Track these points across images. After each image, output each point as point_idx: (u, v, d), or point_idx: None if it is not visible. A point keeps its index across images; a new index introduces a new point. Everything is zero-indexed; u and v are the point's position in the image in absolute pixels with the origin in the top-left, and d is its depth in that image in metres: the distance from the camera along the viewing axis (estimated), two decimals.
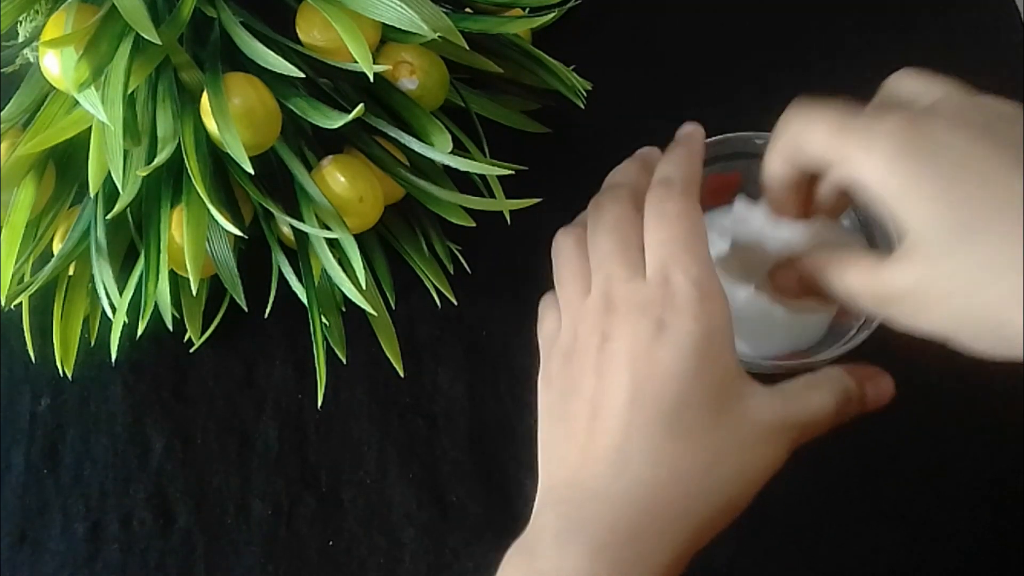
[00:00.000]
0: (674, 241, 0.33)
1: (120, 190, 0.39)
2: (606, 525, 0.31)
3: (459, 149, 0.44)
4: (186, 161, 0.39)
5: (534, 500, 0.43)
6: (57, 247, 0.46)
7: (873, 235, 0.41)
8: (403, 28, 0.38)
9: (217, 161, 0.42)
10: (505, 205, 0.45)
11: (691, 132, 0.39)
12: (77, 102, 0.38)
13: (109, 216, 0.40)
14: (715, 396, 0.32)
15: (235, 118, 0.39)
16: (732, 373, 0.33)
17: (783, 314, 0.39)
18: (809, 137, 0.32)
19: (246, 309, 0.45)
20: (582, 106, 0.47)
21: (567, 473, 0.33)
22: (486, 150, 0.47)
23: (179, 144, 0.40)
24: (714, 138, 0.41)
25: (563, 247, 0.38)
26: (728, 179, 0.43)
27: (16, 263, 0.43)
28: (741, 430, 0.32)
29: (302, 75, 0.39)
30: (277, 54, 0.38)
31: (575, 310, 0.35)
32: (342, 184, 0.43)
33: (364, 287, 0.42)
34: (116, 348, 0.45)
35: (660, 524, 0.31)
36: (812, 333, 0.42)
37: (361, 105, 0.38)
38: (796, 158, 0.33)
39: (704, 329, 0.32)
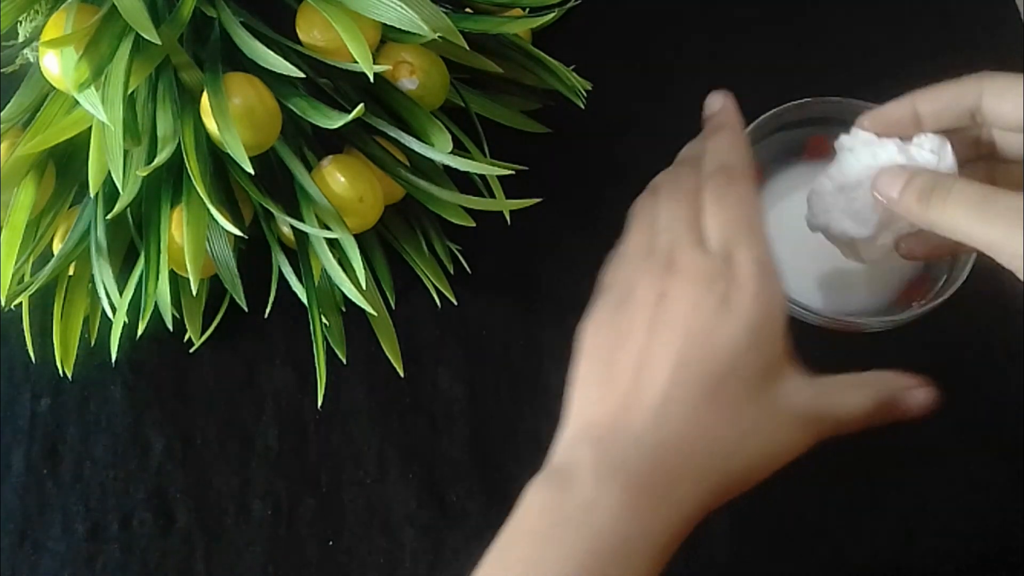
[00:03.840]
0: (737, 222, 0.35)
1: (120, 190, 0.39)
2: (644, 467, 0.33)
3: (459, 149, 0.44)
4: (186, 161, 0.39)
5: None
6: (57, 247, 0.46)
7: None
8: (403, 28, 0.38)
9: (217, 161, 0.42)
10: (505, 205, 0.45)
11: (723, 108, 0.40)
12: (77, 102, 0.38)
13: (109, 216, 0.40)
14: (759, 375, 0.34)
15: (235, 118, 0.39)
16: (779, 357, 0.34)
17: (870, 271, 0.42)
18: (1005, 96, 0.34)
19: (246, 309, 0.45)
20: (582, 106, 0.47)
21: (606, 415, 0.34)
22: (486, 150, 0.47)
23: (179, 144, 0.40)
24: (822, 99, 0.42)
25: (642, 208, 0.39)
26: (829, 144, 0.41)
27: (16, 263, 0.43)
28: (775, 411, 0.34)
29: (302, 75, 0.39)
30: (277, 54, 0.38)
31: (636, 265, 0.37)
32: (342, 184, 0.43)
33: (364, 287, 0.42)
34: (116, 348, 0.45)
35: (691, 476, 0.33)
36: (888, 292, 0.43)
37: (361, 105, 0.38)
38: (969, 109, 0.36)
39: (762, 312, 0.34)
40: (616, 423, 0.34)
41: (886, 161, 0.37)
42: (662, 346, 0.34)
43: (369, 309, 0.43)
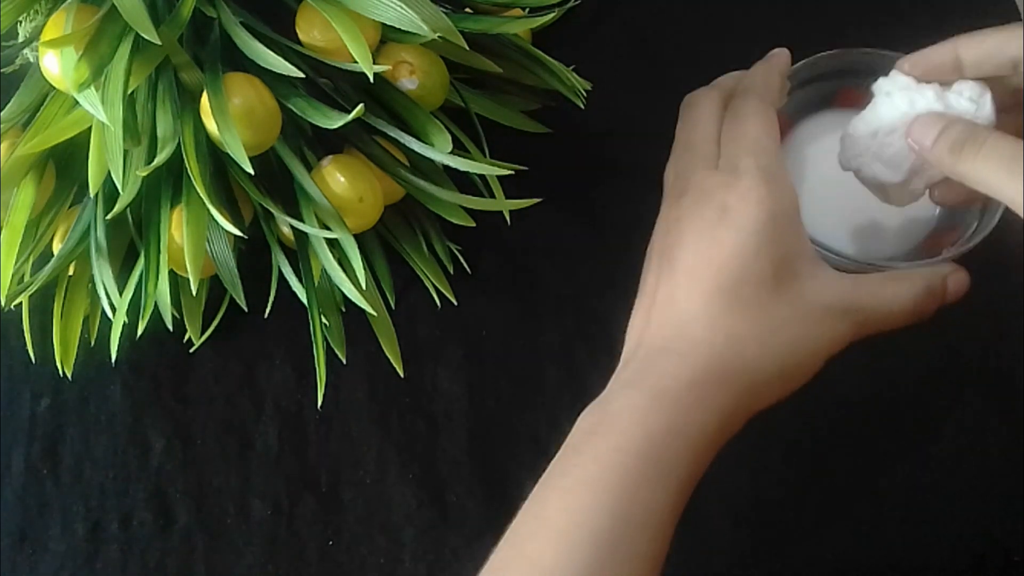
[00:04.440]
0: (745, 135, 0.37)
1: (120, 190, 0.39)
2: (667, 373, 0.34)
3: (459, 149, 0.44)
4: (186, 161, 0.39)
5: None
6: (57, 247, 0.46)
7: None
8: (403, 28, 0.38)
9: (217, 161, 0.42)
10: (505, 205, 0.45)
11: (777, 52, 0.42)
12: (77, 102, 0.38)
13: (109, 216, 0.40)
14: (774, 274, 0.34)
15: (235, 118, 0.39)
16: (795, 254, 0.35)
17: (898, 216, 0.42)
18: None
19: (246, 309, 0.45)
20: (582, 106, 0.47)
21: (635, 338, 0.36)
22: (486, 150, 0.47)
23: (179, 144, 0.40)
24: (855, 50, 0.42)
25: (676, 140, 0.41)
26: (860, 95, 0.42)
27: (16, 263, 0.43)
28: (799, 307, 0.35)
29: (302, 75, 0.38)
30: (277, 54, 0.38)
31: (665, 198, 0.39)
32: (342, 184, 0.43)
33: (364, 287, 0.42)
34: (116, 348, 0.45)
35: (717, 377, 0.34)
36: (915, 238, 0.43)
37: (361, 105, 0.38)
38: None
39: (767, 212, 0.35)
40: (641, 341, 0.35)
41: (922, 108, 0.36)
42: (675, 265, 0.36)
43: (369, 309, 0.43)
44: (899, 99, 0.37)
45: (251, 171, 0.38)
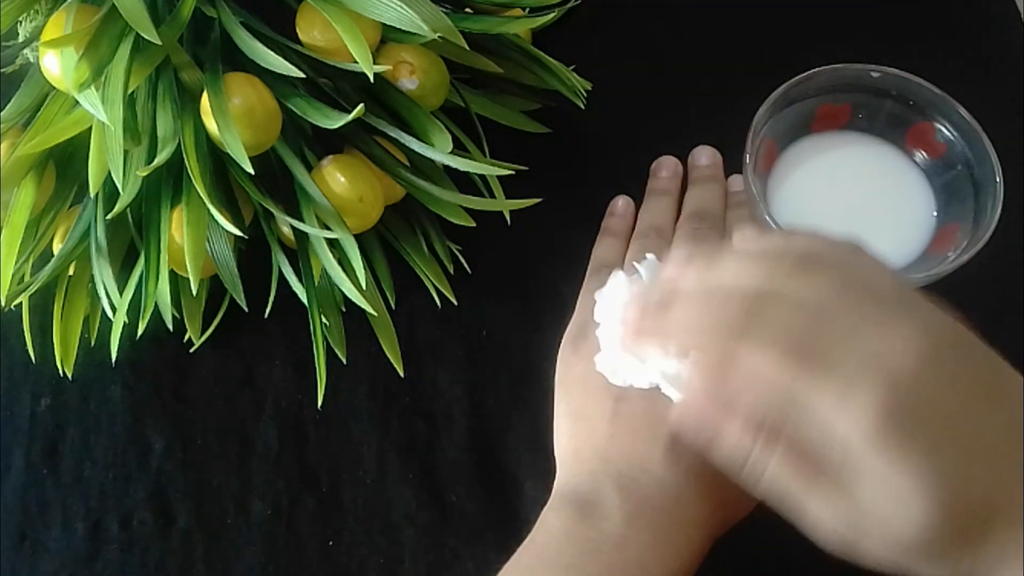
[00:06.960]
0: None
1: (120, 190, 0.39)
2: (667, 507, 0.35)
3: (459, 149, 0.44)
4: (186, 161, 0.39)
5: (532, 498, 0.43)
6: (57, 247, 0.46)
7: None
8: (403, 28, 0.38)
9: (217, 161, 0.42)
10: (505, 205, 0.45)
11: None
12: (77, 102, 0.38)
13: (109, 216, 0.40)
14: None
15: (235, 118, 0.39)
16: None
17: (897, 227, 0.43)
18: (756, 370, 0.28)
19: (246, 309, 0.45)
20: (582, 106, 0.47)
21: (623, 453, 0.36)
22: (486, 150, 0.47)
23: (179, 144, 0.40)
24: (829, 67, 0.44)
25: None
26: (838, 109, 0.45)
27: (16, 263, 0.43)
28: None
29: (302, 75, 0.39)
30: (277, 54, 0.38)
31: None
32: (342, 184, 0.43)
33: (364, 287, 0.42)
34: (116, 348, 0.45)
35: (700, 508, 0.35)
36: (919, 245, 0.44)
37: (361, 105, 0.38)
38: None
39: None
40: (634, 461, 0.36)
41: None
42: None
43: (369, 309, 0.43)
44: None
45: (251, 171, 0.38)
